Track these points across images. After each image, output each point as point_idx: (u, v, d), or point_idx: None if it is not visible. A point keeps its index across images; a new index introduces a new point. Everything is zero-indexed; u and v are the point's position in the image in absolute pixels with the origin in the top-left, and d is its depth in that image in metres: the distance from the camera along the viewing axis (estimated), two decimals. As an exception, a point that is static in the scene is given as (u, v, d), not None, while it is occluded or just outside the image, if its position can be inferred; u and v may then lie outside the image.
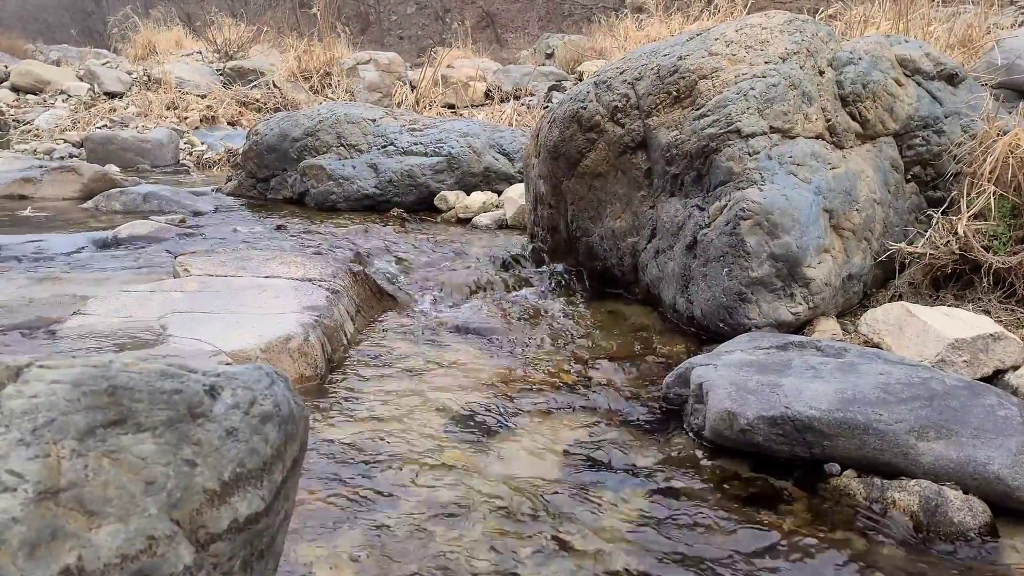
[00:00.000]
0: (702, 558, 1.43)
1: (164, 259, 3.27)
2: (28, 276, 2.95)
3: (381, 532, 1.46)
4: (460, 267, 3.30)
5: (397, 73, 9.65)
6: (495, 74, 9.61)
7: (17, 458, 0.74)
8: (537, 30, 18.41)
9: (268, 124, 5.20)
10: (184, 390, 0.88)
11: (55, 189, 5.02)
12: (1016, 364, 2.01)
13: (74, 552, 0.73)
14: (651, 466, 1.77)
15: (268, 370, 1.01)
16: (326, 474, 1.67)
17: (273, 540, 0.97)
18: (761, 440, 1.71)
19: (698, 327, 2.54)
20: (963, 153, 2.61)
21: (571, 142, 3.00)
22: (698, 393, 1.91)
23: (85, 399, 0.80)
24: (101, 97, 8.78)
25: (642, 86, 2.75)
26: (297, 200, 4.91)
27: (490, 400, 2.10)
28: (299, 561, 1.36)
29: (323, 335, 2.28)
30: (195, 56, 11.07)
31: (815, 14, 5.00)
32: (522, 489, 1.65)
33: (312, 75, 9.42)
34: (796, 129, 2.47)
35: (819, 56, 2.65)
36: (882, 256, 2.55)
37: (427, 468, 1.71)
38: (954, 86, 2.81)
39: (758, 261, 2.32)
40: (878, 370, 1.82)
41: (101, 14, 21.61)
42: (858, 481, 1.64)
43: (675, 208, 2.67)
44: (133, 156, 6.60)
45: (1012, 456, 1.54)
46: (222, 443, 0.88)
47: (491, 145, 4.84)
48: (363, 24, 21.86)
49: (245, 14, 13.55)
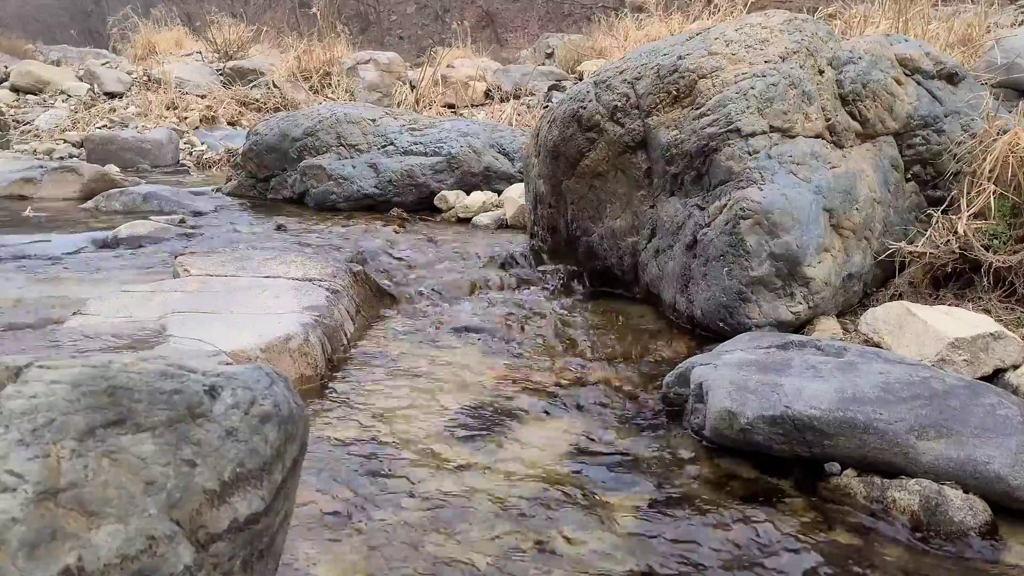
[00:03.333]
0: (702, 558, 1.43)
1: (164, 259, 3.27)
2: (28, 276, 2.95)
3: (381, 532, 1.46)
4: (460, 267, 3.30)
5: (397, 73, 9.65)
6: (495, 74, 9.61)
7: (17, 458, 0.74)
8: (537, 30, 18.41)
9: (268, 124, 5.19)
10: (184, 390, 0.88)
11: (55, 189, 5.01)
12: (1016, 363, 2.01)
13: (74, 552, 0.73)
14: (651, 466, 1.77)
15: (268, 370, 1.01)
16: (326, 474, 1.67)
17: (273, 540, 0.97)
18: (761, 439, 1.71)
19: (698, 326, 2.54)
20: (963, 152, 2.61)
21: (571, 142, 3.00)
22: (698, 392, 1.91)
23: (85, 399, 0.80)
24: (101, 97, 8.78)
25: (642, 86, 2.75)
26: (297, 200, 4.91)
27: (490, 400, 2.10)
28: (299, 561, 1.36)
29: (323, 335, 2.27)
30: (195, 56, 11.07)
31: (815, 13, 5.00)
32: (522, 489, 1.65)
33: (312, 75, 9.41)
34: (796, 128, 2.47)
35: (819, 55, 2.65)
36: (882, 255, 2.54)
37: (427, 468, 1.71)
38: (954, 85, 2.81)
39: (758, 260, 2.32)
40: (878, 369, 1.82)
41: (101, 14, 21.60)
42: (858, 480, 1.64)
43: (675, 207, 2.67)
44: (133, 156, 6.60)
45: (1012, 455, 1.54)
46: (222, 443, 0.88)
47: (491, 145, 4.84)
48: (363, 24, 21.85)
49: (245, 14, 13.55)
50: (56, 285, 2.83)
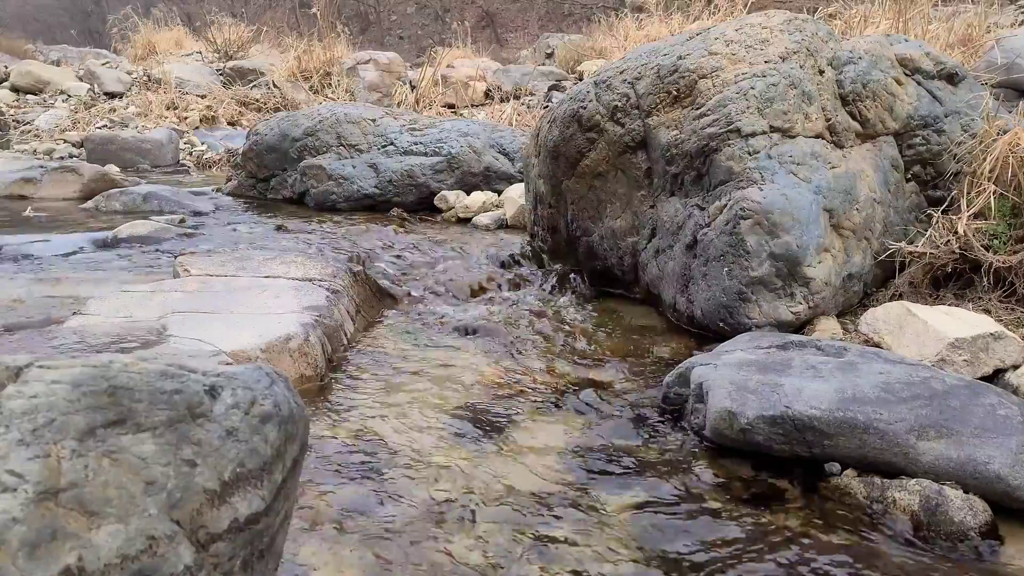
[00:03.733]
0: (702, 557, 1.43)
1: (164, 259, 3.27)
2: (28, 276, 2.95)
3: (381, 531, 1.46)
4: (460, 267, 3.30)
5: (397, 73, 9.65)
6: (495, 74, 9.61)
7: (17, 458, 0.74)
8: (537, 30, 18.41)
9: (268, 124, 5.20)
10: (184, 390, 0.88)
11: (55, 189, 5.02)
12: (1016, 363, 2.01)
13: (74, 552, 0.73)
14: (651, 466, 1.77)
15: (268, 370, 1.01)
16: (326, 474, 1.67)
17: (273, 540, 0.97)
18: (761, 440, 1.71)
19: (698, 327, 2.54)
20: (963, 152, 2.61)
21: (571, 142, 3.00)
22: (698, 393, 1.91)
23: (85, 399, 0.80)
24: (101, 97, 8.79)
25: (642, 86, 2.75)
26: (297, 200, 4.91)
27: (490, 400, 2.10)
28: (299, 561, 1.36)
29: (323, 335, 2.27)
30: (195, 56, 11.08)
31: (815, 13, 5.00)
32: (522, 489, 1.65)
33: (312, 75, 9.42)
34: (796, 128, 2.47)
35: (819, 55, 2.65)
36: (882, 255, 2.55)
37: (427, 467, 1.71)
38: (954, 85, 2.81)
39: (758, 260, 2.32)
40: (878, 369, 1.82)
41: (101, 14, 21.61)
42: (858, 480, 1.64)
43: (675, 208, 2.67)
44: (133, 156, 6.60)
45: (1013, 455, 1.54)
46: (222, 443, 0.88)
47: (491, 145, 4.84)
48: (363, 24, 21.86)
49: (245, 14, 13.55)
50: (56, 285, 2.83)
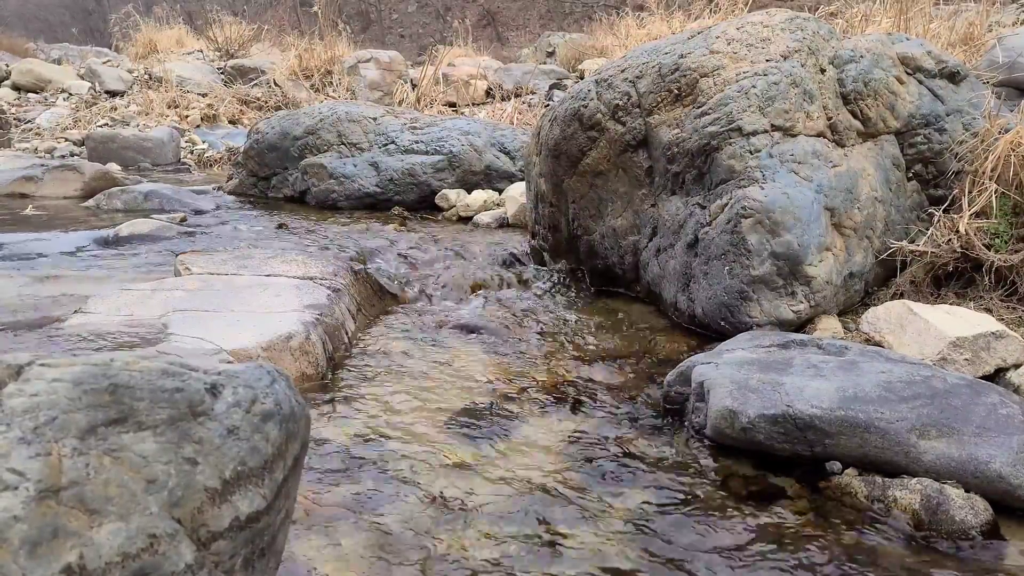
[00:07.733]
0: (703, 557, 1.43)
1: (165, 258, 3.28)
2: (29, 275, 2.95)
3: (382, 530, 1.46)
4: (461, 266, 3.29)
5: (398, 71, 9.65)
6: (496, 72, 9.61)
7: (18, 456, 0.74)
8: (538, 28, 18.40)
9: (269, 123, 5.20)
10: (185, 388, 0.88)
11: (56, 188, 5.02)
12: (1018, 362, 2.00)
13: (75, 550, 0.73)
14: (652, 465, 1.77)
15: (269, 368, 1.01)
16: (327, 472, 1.67)
17: (274, 538, 0.97)
18: (762, 438, 1.71)
19: (699, 325, 2.54)
20: (964, 151, 2.61)
21: (572, 140, 3.00)
22: (699, 391, 1.91)
23: (86, 397, 0.80)
24: (102, 96, 8.79)
25: (643, 84, 2.75)
26: (298, 199, 4.91)
27: (491, 399, 2.10)
28: (300, 560, 1.36)
29: (324, 333, 2.27)
30: (196, 55, 11.07)
31: (816, 12, 4.99)
32: (523, 488, 1.65)
33: (313, 73, 9.42)
34: (797, 127, 2.47)
35: (820, 54, 2.65)
36: (883, 254, 2.54)
37: (428, 466, 1.71)
38: (955, 84, 2.81)
39: (759, 259, 2.32)
40: (879, 368, 1.82)
41: (102, 13, 21.61)
42: (859, 480, 1.64)
43: (676, 206, 2.67)
44: (134, 155, 6.61)
45: (1014, 454, 1.54)
46: (223, 441, 0.88)
47: (492, 143, 4.84)
48: (364, 22, 21.85)
49: (246, 12, 13.55)
50: (57, 283, 2.83)
